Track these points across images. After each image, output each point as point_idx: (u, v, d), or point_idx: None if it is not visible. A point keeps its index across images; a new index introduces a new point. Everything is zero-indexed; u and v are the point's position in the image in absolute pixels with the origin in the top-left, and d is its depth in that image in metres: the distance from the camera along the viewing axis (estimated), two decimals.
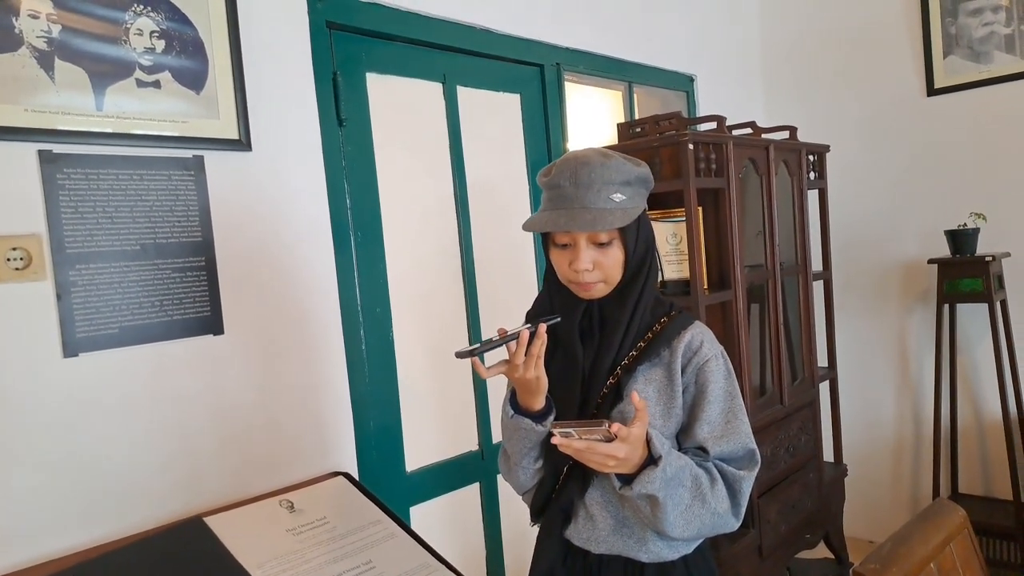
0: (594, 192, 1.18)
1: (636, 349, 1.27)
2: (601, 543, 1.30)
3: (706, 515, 1.21)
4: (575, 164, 1.20)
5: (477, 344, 1.16)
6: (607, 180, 1.19)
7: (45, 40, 1.46)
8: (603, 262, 1.22)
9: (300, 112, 1.89)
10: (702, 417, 1.26)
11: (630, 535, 1.28)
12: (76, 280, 1.49)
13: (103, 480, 1.52)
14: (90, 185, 1.51)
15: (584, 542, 1.32)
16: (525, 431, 1.27)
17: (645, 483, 1.14)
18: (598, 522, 1.30)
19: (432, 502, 2.20)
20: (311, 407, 1.88)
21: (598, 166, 1.19)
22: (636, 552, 1.28)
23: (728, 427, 1.26)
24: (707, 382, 1.26)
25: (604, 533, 1.29)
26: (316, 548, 1.53)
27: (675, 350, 1.27)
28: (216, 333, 1.70)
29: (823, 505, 2.85)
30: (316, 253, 1.91)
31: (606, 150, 1.26)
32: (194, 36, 1.67)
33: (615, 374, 1.26)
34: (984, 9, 3.07)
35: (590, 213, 1.18)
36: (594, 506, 1.30)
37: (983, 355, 3.15)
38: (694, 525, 1.20)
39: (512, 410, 1.28)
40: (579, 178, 1.18)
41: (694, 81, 3.26)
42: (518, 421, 1.27)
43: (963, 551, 1.50)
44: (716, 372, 1.27)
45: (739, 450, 1.26)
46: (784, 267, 2.67)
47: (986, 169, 3.11)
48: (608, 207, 1.18)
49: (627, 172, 1.21)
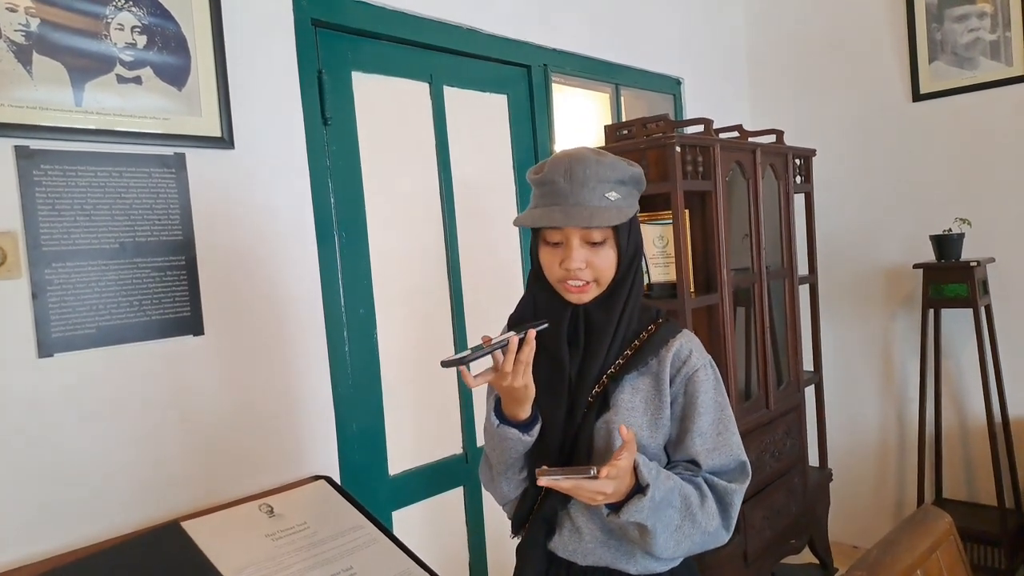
0: (589, 189, 1.16)
1: (623, 357, 1.25)
2: (588, 555, 1.27)
3: (696, 534, 1.19)
4: (570, 161, 1.17)
5: (464, 352, 1.12)
6: (602, 178, 1.17)
7: (23, 34, 1.43)
8: (595, 262, 1.19)
9: (284, 110, 1.86)
10: (693, 429, 1.23)
11: (618, 547, 1.26)
12: (52, 279, 1.46)
13: (78, 483, 1.49)
14: (68, 182, 1.48)
15: (570, 554, 1.28)
16: (512, 442, 1.22)
17: (632, 512, 1.12)
18: (584, 534, 1.27)
19: (415, 506, 2.18)
20: (292, 409, 1.86)
21: (594, 163, 1.17)
22: (624, 564, 1.26)
23: (719, 439, 1.24)
24: (697, 393, 1.24)
25: (591, 545, 1.26)
26: (295, 554, 1.50)
27: (663, 359, 1.24)
28: (196, 334, 1.67)
29: (808, 510, 2.85)
30: (299, 253, 1.89)
31: (599, 148, 1.24)
32: (176, 32, 1.64)
33: (602, 382, 1.24)
34: (970, 15, 3.08)
35: (586, 210, 1.15)
36: (580, 517, 1.27)
37: (967, 360, 3.16)
38: (684, 545, 1.19)
39: (497, 420, 1.23)
40: (574, 174, 1.16)
41: (681, 84, 3.26)
42: (504, 431, 1.22)
43: (949, 558, 1.49)
44: (706, 382, 1.25)
45: (730, 463, 1.25)
46: (770, 271, 2.67)
47: (971, 174, 3.13)
48: (603, 205, 1.16)
49: (622, 171, 1.19)
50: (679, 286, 2.23)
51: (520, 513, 1.32)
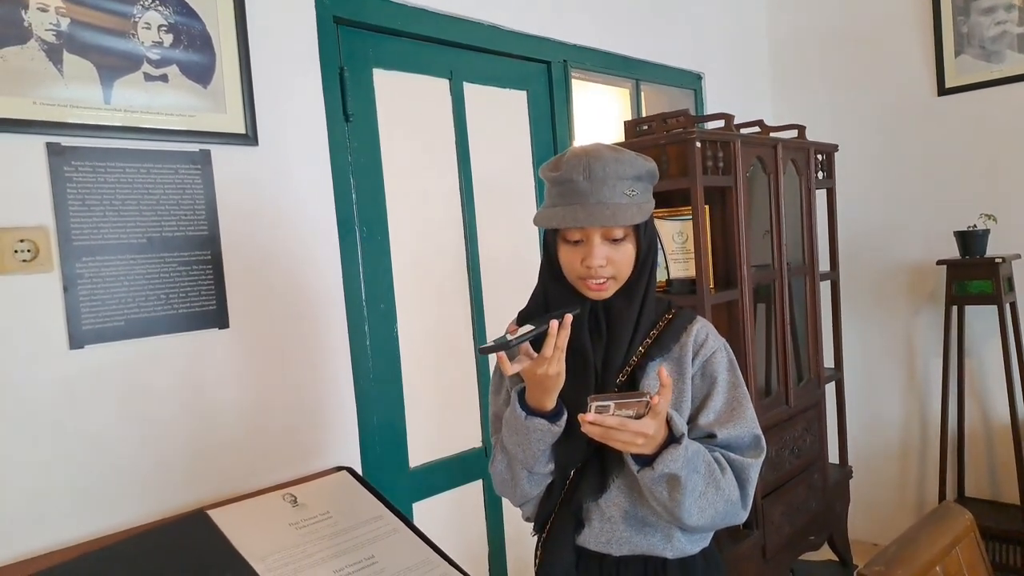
0: (608, 187, 1.16)
1: (643, 345, 1.27)
2: (624, 544, 1.27)
3: (720, 502, 1.19)
4: (587, 158, 1.17)
5: (502, 337, 1.11)
6: (620, 175, 1.17)
7: (54, 33, 1.46)
8: (616, 258, 1.20)
9: (307, 107, 1.89)
10: (709, 405, 1.26)
11: (654, 532, 1.26)
12: (83, 272, 1.49)
13: (107, 472, 1.53)
14: (97, 178, 1.52)
15: (603, 545, 1.28)
16: (540, 433, 1.20)
17: (668, 462, 1.11)
18: (617, 522, 1.26)
19: (435, 498, 2.20)
20: (315, 401, 1.89)
21: (612, 160, 1.17)
22: (662, 549, 1.26)
23: (734, 413, 1.26)
24: (714, 373, 1.27)
25: (628, 534, 1.26)
26: (318, 542, 1.53)
27: (684, 344, 1.27)
28: (221, 327, 1.70)
29: (828, 507, 2.84)
30: (321, 248, 1.91)
31: (613, 144, 1.25)
32: (202, 30, 1.67)
33: (626, 370, 1.25)
34: (997, 8, 3.04)
35: (608, 208, 1.15)
36: (612, 508, 1.26)
37: (991, 358, 3.12)
38: (708, 513, 1.19)
39: (524, 412, 1.21)
40: (594, 172, 1.16)
41: (702, 79, 3.25)
42: (532, 423, 1.20)
43: (969, 555, 1.49)
44: (721, 363, 1.28)
45: (745, 435, 1.26)
46: (791, 267, 2.66)
47: (997, 170, 3.08)
48: (623, 202, 1.17)
49: (639, 167, 1.20)
50: (698, 282, 2.23)
51: (546, 508, 1.32)
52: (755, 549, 2.40)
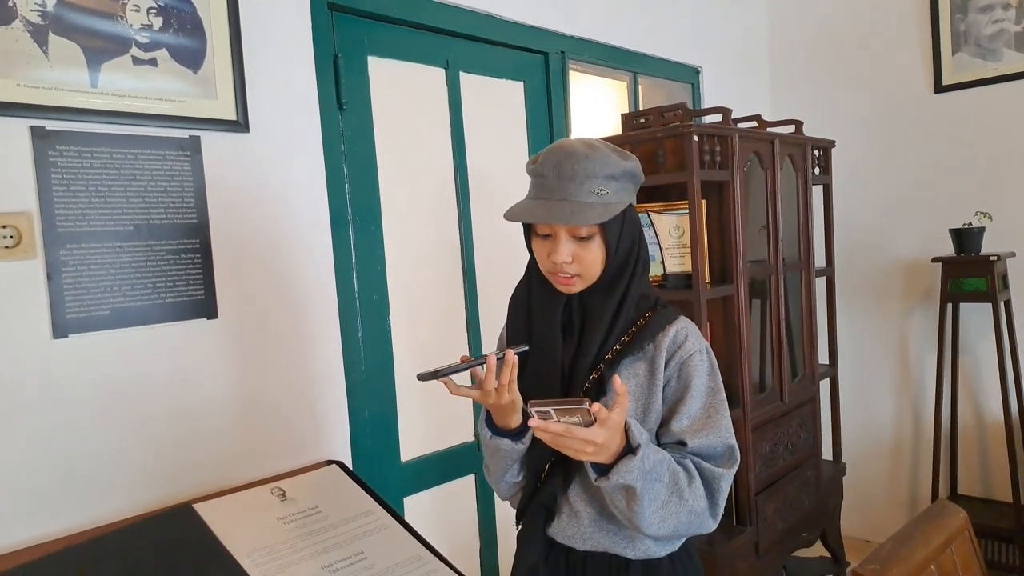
0: (576, 185, 1.15)
1: (619, 343, 1.24)
2: (586, 539, 1.27)
3: (683, 513, 1.16)
4: (560, 155, 1.17)
5: (440, 366, 1.12)
6: (590, 173, 1.16)
7: (39, 14, 1.43)
8: (582, 256, 1.19)
9: (300, 94, 1.86)
10: (682, 411, 1.22)
11: (617, 531, 1.25)
12: (67, 260, 1.46)
13: (91, 464, 1.50)
14: (83, 163, 1.49)
15: (568, 539, 1.28)
16: (505, 451, 1.26)
17: (623, 473, 1.09)
18: (583, 518, 1.26)
19: (426, 493, 2.18)
20: (305, 394, 1.86)
21: (583, 158, 1.16)
22: (623, 549, 1.25)
23: (708, 421, 1.22)
24: (690, 376, 1.23)
25: (590, 529, 1.26)
26: (307, 537, 1.50)
27: (659, 344, 1.24)
28: (210, 317, 1.68)
29: (821, 504, 2.83)
30: (313, 238, 1.89)
31: (594, 141, 1.22)
32: (192, 14, 1.64)
33: (598, 369, 1.23)
34: (994, 6, 3.03)
35: (569, 206, 1.15)
36: (578, 502, 1.27)
37: (985, 355, 3.12)
38: (670, 523, 1.16)
39: (490, 431, 1.26)
40: (563, 169, 1.16)
41: (700, 73, 3.23)
42: (497, 442, 1.25)
43: (964, 553, 1.48)
44: (699, 367, 1.24)
45: (718, 445, 1.22)
46: (787, 263, 2.64)
47: (993, 168, 3.08)
48: (589, 201, 1.15)
49: (613, 165, 1.18)
50: (694, 277, 2.21)
51: (522, 503, 1.33)
52: (748, 545, 2.39)
